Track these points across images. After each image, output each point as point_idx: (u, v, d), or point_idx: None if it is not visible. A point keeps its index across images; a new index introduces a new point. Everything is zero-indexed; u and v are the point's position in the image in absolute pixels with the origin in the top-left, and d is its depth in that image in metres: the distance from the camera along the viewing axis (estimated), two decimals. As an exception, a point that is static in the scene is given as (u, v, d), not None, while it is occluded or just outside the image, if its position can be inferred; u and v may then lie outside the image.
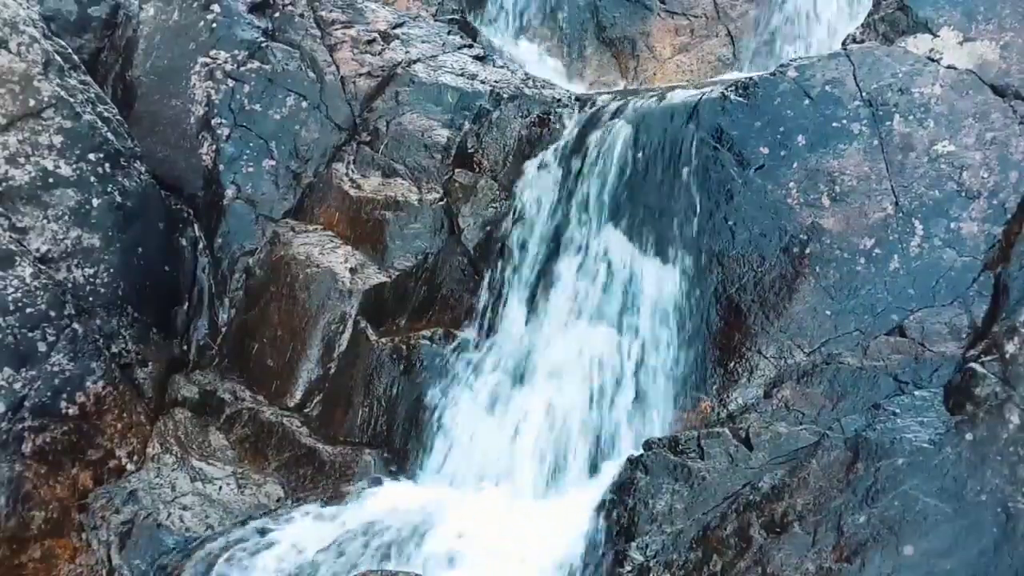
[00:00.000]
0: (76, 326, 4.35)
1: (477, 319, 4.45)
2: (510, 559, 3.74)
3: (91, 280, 4.47)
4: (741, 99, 4.25)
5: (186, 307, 4.78)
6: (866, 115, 4.16)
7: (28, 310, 4.25)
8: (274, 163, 4.94)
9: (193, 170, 4.95)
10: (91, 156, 4.57)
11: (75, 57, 4.84)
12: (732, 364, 4.00)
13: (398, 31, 5.32)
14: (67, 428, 4.25)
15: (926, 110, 4.13)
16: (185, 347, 4.76)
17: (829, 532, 3.38)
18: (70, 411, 4.27)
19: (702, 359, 4.05)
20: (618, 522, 3.71)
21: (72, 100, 4.58)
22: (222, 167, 4.92)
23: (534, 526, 3.84)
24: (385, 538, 3.86)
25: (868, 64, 4.25)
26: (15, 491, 4.12)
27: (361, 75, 5.11)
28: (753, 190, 4.13)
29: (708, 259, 4.11)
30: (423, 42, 5.28)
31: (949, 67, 4.19)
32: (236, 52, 5.08)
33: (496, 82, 5.01)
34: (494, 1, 6.11)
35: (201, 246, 4.84)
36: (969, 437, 3.41)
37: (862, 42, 4.38)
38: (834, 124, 4.17)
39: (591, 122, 4.55)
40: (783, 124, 4.19)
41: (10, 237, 4.33)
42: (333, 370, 4.49)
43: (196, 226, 4.86)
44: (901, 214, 4.02)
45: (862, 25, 4.49)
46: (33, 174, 4.44)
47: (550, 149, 4.60)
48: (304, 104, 5.03)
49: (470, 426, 4.21)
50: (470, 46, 5.36)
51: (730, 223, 4.11)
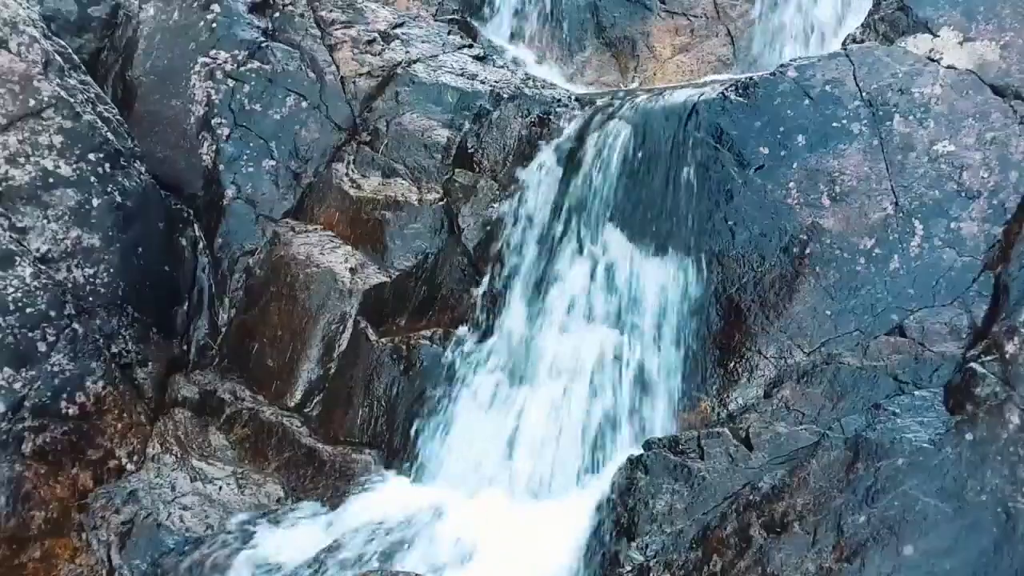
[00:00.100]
0: (76, 326, 4.34)
1: (477, 319, 4.45)
2: (510, 559, 3.74)
3: (91, 280, 4.47)
4: (741, 99, 4.25)
5: (186, 307, 4.77)
6: (866, 115, 4.16)
7: (28, 310, 4.25)
8: (274, 163, 4.94)
9: (193, 170, 4.95)
10: (91, 156, 4.56)
11: (75, 57, 4.83)
12: (732, 364, 4.00)
13: (398, 31, 5.32)
14: (67, 428, 4.25)
15: (926, 110, 4.13)
16: (185, 347, 4.76)
17: (829, 532, 3.38)
18: (70, 411, 4.27)
19: (702, 359, 4.05)
20: (618, 522, 3.71)
21: (72, 100, 4.58)
22: (222, 167, 4.91)
23: (534, 526, 3.84)
24: (385, 538, 3.86)
25: (868, 64, 4.25)
26: (15, 491, 4.12)
27: (361, 75, 5.10)
28: (753, 190, 4.13)
29: (708, 259, 4.10)
30: (423, 42, 5.28)
31: (949, 67, 4.18)
32: (236, 52, 5.08)
33: (496, 82, 5.00)
34: (493, 1, 6.11)
35: (201, 246, 4.84)
36: (969, 437, 3.41)
37: (862, 42, 4.38)
38: (834, 124, 4.17)
39: (591, 122, 4.55)
40: (783, 124, 4.19)
41: (10, 237, 4.33)
42: (333, 370, 4.49)
43: (196, 226, 4.86)
44: (901, 214, 4.02)
45: (862, 25, 4.48)
46: (33, 174, 4.44)
47: (550, 149, 4.60)
48: (304, 104, 5.03)
49: (470, 426, 4.20)
50: (470, 46, 5.36)
51: (730, 223, 4.11)
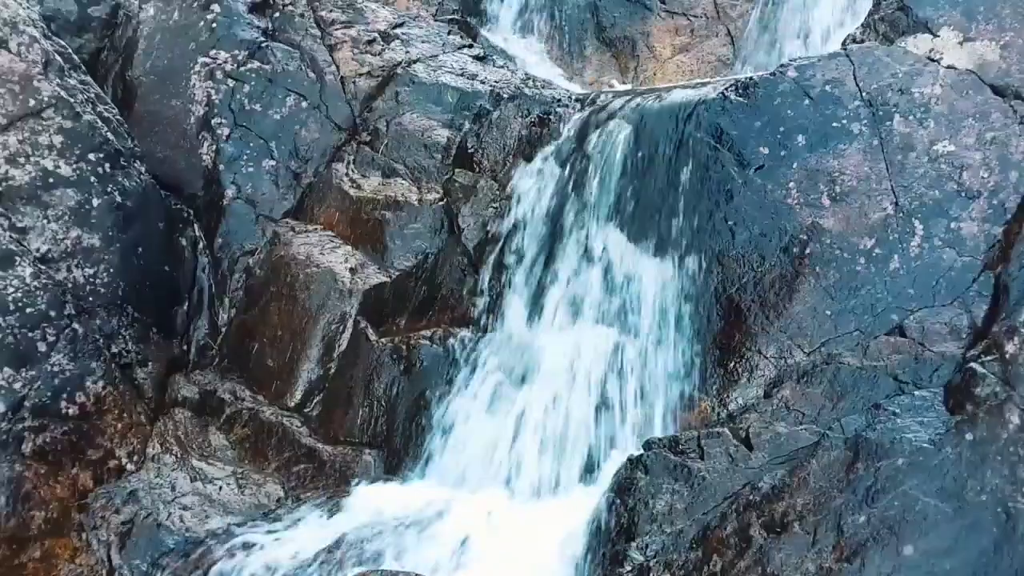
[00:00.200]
0: (76, 326, 4.34)
1: (477, 319, 4.46)
2: (510, 559, 3.74)
3: (91, 280, 4.47)
4: (741, 99, 4.25)
5: (186, 307, 4.77)
6: (866, 115, 4.16)
7: (28, 310, 4.25)
8: (274, 163, 4.94)
9: (193, 170, 4.95)
10: (91, 156, 4.56)
11: (75, 57, 4.83)
12: (732, 364, 4.00)
13: (398, 31, 5.32)
14: (67, 428, 4.25)
15: (926, 110, 4.13)
16: (185, 347, 4.75)
17: (829, 532, 3.38)
18: (70, 411, 4.27)
19: (702, 359, 4.05)
20: (618, 522, 3.71)
21: (72, 100, 4.58)
22: (222, 167, 4.91)
23: (534, 526, 3.84)
24: (385, 538, 3.86)
25: (868, 64, 4.25)
26: (15, 491, 4.12)
27: (361, 75, 5.10)
28: (753, 190, 4.13)
29: (708, 259, 4.10)
30: (423, 42, 5.28)
31: (949, 67, 4.18)
32: (236, 52, 5.08)
33: (496, 82, 5.00)
34: (494, 1, 6.12)
35: (201, 246, 4.84)
36: (969, 437, 3.41)
37: (862, 42, 4.38)
38: (834, 124, 4.17)
39: (591, 122, 4.55)
40: (783, 124, 4.19)
41: (10, 237, 4.33)
42: (333, 370, 4.49)
43: (196, 226, 4.86)
44: (901, 214, 4.02)
45: (862, 25, 4.48)
46: (33, 174, 4.44)
47: (550, 149, 4.60)
48: (304, 104, 5.03)
49: (470, 426, 4.20)
50: (470, 46, 5.36)
51: (730, 223, 4.11)
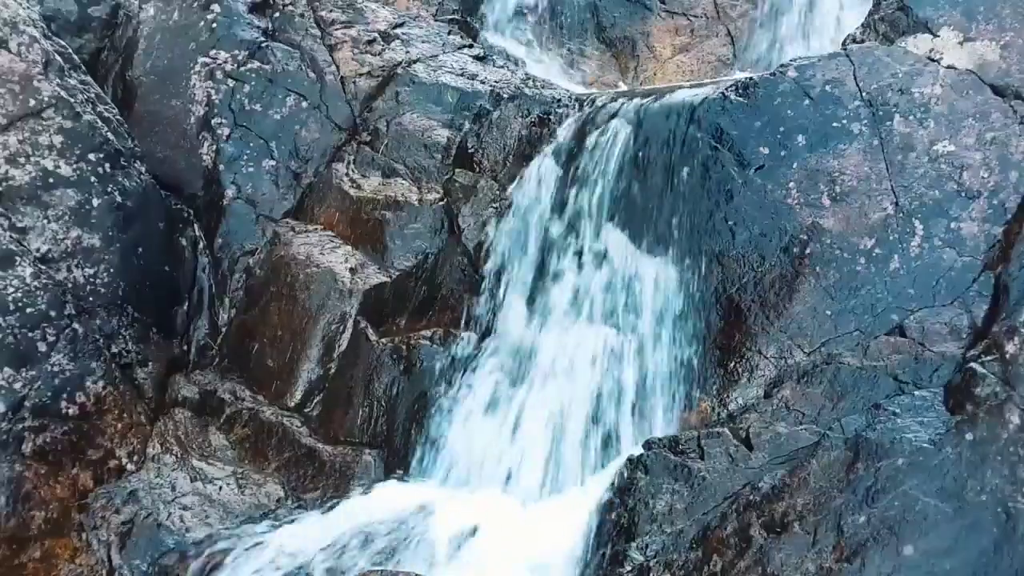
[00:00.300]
0: (76, 326, 4.34)
1: (477, 319, 4.45)
2: (510, 559, 3.74)
3: (91, 280, 4.47)
4: (741, 99, 4.25)
5: (186, 307, 4.77)
6: (866, 115, 4.16)
7: (28, 310, 4.25)
8: (274, 163, 4.94)
9: (193, 170, 4.95)
10: (91, 156, 4.56)
11: (75, 57, 4.83)
12: (732, 364, 4.00)
13: (398, 31, 5.32)
14: (67, 428, 4.25)
15: (926, 110, 4.13)
16: (185, 347, 4.75)
17: (829, 532, 3.38)
18: (70, 411, 4.27)
19: (702, 359, 4.04)
20: (618, 522, 3.71)
21: (72, 100, 4.58)
22: (222, 167, 4.91)
23: (534, 526, 3.84)
24: (385, 538, 3.86)
25: (868, 64, 4.25)
26: (15, 491, 4.12)
27: (361, 75, 5.10)
28: (753, 190, 4.12)
29: (708, 259, 4.10)
30: (423, 42, 5.28)
31: (949, 67, 4.18)
32: (236, 52, 5.08)
33: (496, 82, 5.00)
34: (494, 1, 6.11)
35: (201, 246, 4.84)
36: (969, 437, 3.41)
37: (862, 42, 4.37)
38: (834, 124, 4.16)
39: (591, 122, 4.55)
40: (783, 124, 4.19)
41: (10, 237, 4.33)
42: (333, 370, 4.49)
43: (196, 226, 4.86)
44: (901, 214, 4.02)
45: (862, 25, 4.48)
46: (33, 174, 4.44)
47: (550, 149, 4.59)
48: (304, 104, 5.03)
49: (470, 426, 4.20)
50: (470, 46, 5.36)
51: (730, 223, 4.11)
